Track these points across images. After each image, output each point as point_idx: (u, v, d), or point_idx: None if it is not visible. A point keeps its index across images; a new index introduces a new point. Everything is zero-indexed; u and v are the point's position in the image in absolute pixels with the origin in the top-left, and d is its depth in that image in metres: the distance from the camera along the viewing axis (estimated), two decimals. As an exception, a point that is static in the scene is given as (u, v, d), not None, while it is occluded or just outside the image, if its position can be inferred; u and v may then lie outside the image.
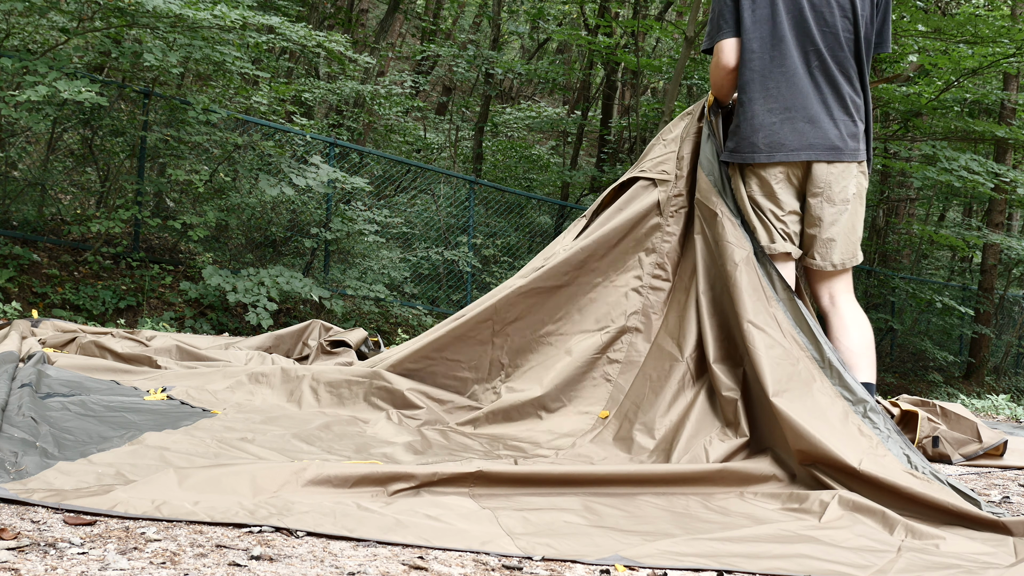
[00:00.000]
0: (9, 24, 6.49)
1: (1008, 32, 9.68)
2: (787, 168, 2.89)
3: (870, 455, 2.36)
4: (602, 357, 3.15)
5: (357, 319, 8.20)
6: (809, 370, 2.60)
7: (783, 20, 2.87)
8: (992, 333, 14.58)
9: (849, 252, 2.93)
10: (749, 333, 2.67)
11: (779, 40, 2.87)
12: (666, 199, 3.20)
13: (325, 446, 2.62)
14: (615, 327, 3.17)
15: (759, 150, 2.88)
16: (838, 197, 2.87)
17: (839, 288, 2.97)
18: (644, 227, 3.22)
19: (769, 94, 2.87)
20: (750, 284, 2.78)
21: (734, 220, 2.93)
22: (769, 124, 2.87)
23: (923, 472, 2.34)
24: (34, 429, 2.30)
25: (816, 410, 2.49)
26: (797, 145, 2.85)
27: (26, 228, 6.73)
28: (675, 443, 2.68)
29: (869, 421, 2.49)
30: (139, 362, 3.71)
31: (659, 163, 3.26)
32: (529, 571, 1.68)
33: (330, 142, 8.59)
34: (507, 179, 14.42)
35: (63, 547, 1.53)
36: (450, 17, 19.12)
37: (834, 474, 2.38)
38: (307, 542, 1.71)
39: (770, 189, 2.90)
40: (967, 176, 10.75)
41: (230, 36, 6.71)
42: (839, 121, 2.85)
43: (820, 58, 2.85)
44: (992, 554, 1.93)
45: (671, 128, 3.33)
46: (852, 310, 2.93)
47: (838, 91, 2.86)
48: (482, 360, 3.27)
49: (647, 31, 12.70)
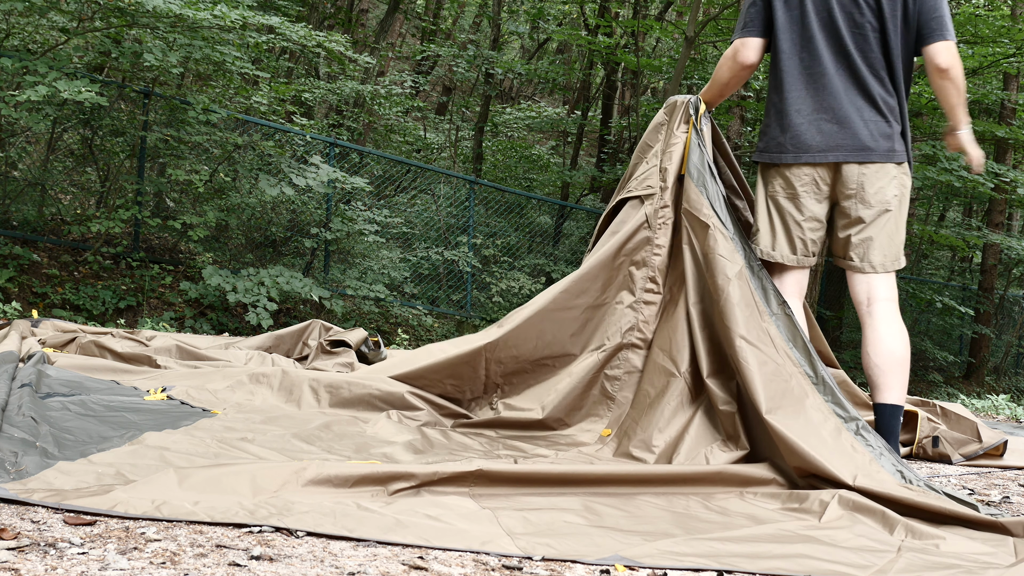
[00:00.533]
0: (9, 24, 6.49)
1: (1008, 32, 9.68)
2: (814, 170, 2.85)
3: (864, 471, 2.36)
4: (600, 375, 3.15)
5: (357, 319, 8.20)
6: (802, 387, 2.59)
7: (812, 21, 2.84)
8: (992, 333, 14.58)
9: (891, 255, 2.86)
10: (741, 349, 2.66)
11: (808, 40, 2.84)
12: (653, 212, 3.20)
13: (325, 446, 2.62)
14: (611, 344, 3.17)
15: (786, 151, 2.86)
16: (874, 199, 2.82)
17: (879, 294, 2.87)
18: (634, 242, 3.22)
19: (798, 95, 2.85)
20: (743, 299, 2.76)
21: (726, 232, 2.91)
22: (797, 125, 2.85)
23: (917, 485, 2.35)
24: (34, 429, 2.30)
25: (809, 427, 2.49)
26: (824, 146, 2.82)
27: (26, 228, 6.73)
28: (674, 458, 2.70)
29: (862, 438, 2.49)
30: (139, 362, 3.71)
31: (644, 179, 3.26)
32: (529, 571, 1.68)
33: (330, 142, 8.59)
34: (507, 179, 14.42)
35: (63, 547, 1.53)
36: (450, 17, 19.13)
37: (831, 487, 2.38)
38: (307, 542, 1.71)
39: (794, 191, 2.88)
40: (967, 176, 10.75)
41: (230, 36, 6.71)
42: (869, 122, 2.81)
43: (849, 59, 2.81)
44: (992, 554, 1.93)
45: (647, 143, 3.31)
46: (888, 320, 2.83)
47: (868, 92, 2.81)
48: (476, 384, 3.27)
49: (647, 31, 12.70)
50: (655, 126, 3.30)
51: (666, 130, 3.25)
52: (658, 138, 3.27)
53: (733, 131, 10.59)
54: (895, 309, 2.87)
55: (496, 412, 3.18)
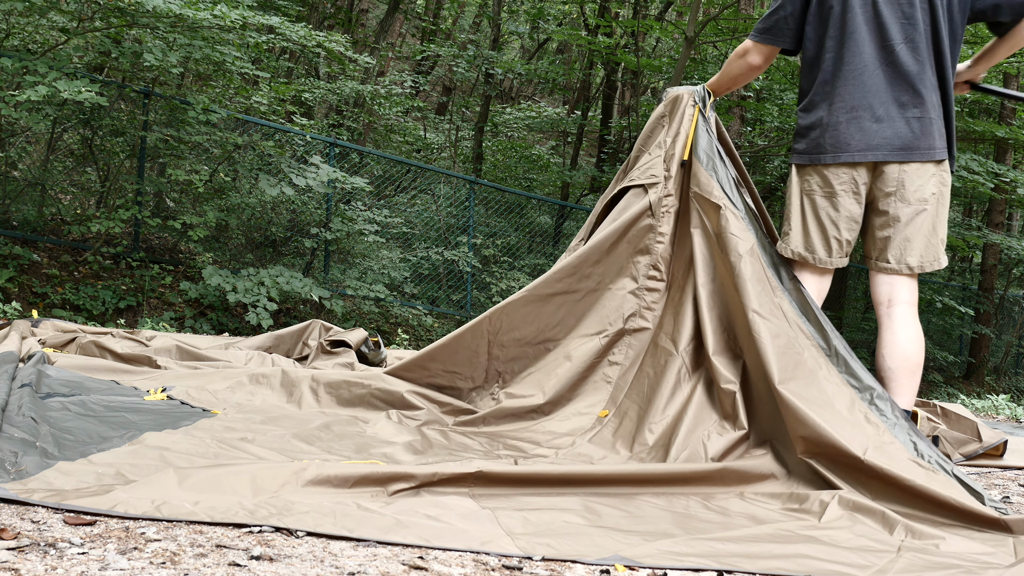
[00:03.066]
0: (9, 24, 6.49)
1: (1008, 32, 9.66)
2: (852, 170, 2.78)
3: (875, 443, 2.34)
4: (602, 361, 3.17)
5: (357, 319, 8.20)
6: (815, 358, 2.60)
7: (857, 14, 2.75)
8: (992, 333, 14.58)
9: (930, 255, 2.78)
10: (754, 323, 2.67)
11: (849, 35, 2.76)
12: (657, 200, 3.21)
13: (325, 446, 2.62)
14: (613, 330, 3.19)
15: (825, 150, 2.79)
16: (913, 196, 2.74)
17: (900, 296, 2.80)
18: (636, 229, 3.23)
19: (837, 93, 2.78)
20: (755, 274, 2.78)
21: (736, 213, 2.93)
22: (835, 124, 2.78)
23: (929, 461, 2.33)
24: (34, 429, 2.30)
25: (822, 398, 2.48)
26: (863, 145, 2.75)
27: (26, 228, 6.73)
28: (674, 437, 2.69)
29: (876, 409, 2.47)
30: (139, 362, 3.71)
31: (647, 169, 3.27)
32: (529, 571, 1.68)
33: (330, 142, 8.59)
34: (507, 179, 14.42)
35: (63, 547, 1.53)
36: (450, 17, 19.12)
37: (836, 467, 2.36)
38: (307, 542, 1.71)
39: (832, 190, 2.81)
40: (967, 176, 10.75)
41: (230, 36, 6.71)
42: (911, 119, 2.72)
43: (893, 53, 2.73)
44: (992, 554, 1.93)
45: (650, 135, 3.32)
46: (906, 324, 2.77)
47: (912, 87, 2.72)
48: (477, 370, 3.29)
49: (647, 31, 12.69)
50: (657, 118, 3.32)
51: (668, 121, 3.26)
52: (660, 129, 3.29)
53: (733, 131, 10.59)
54: (914, 313, 2.81)
55: (498, 401, 3.20)
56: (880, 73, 2.75)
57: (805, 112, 2.88)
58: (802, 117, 2.89)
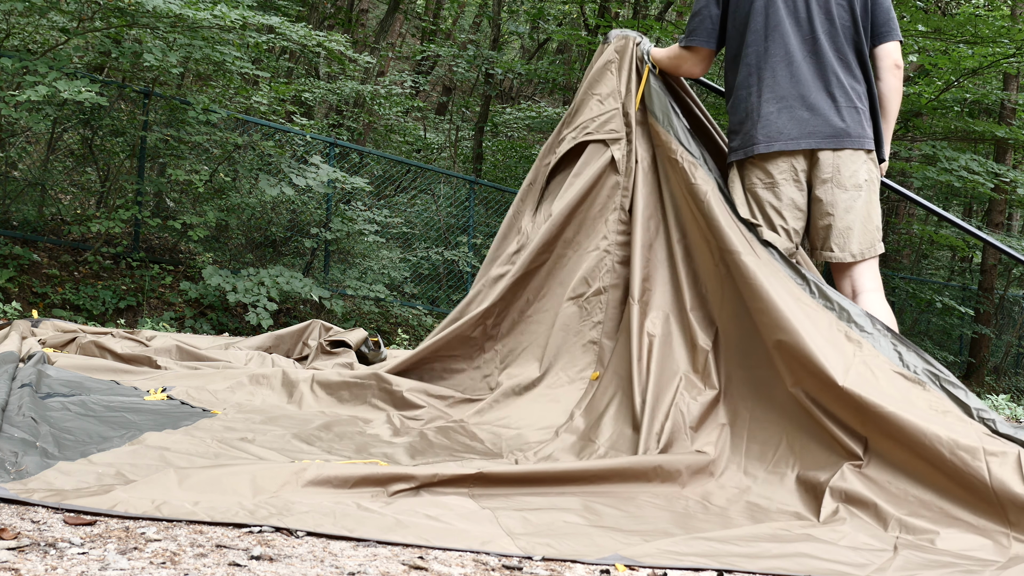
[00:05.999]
0: (9, 24, 6.49)
1: (1008, 32, 9.68)
2: (790, 159, 2.83)
3: (858, 361, 2.34)
4: (587, 321, 3.24)
5: (357, 319, 8.20)
6: (793, 289, 2.63)
7: (779, 8, 2.84)
8: (992, 333, 14.57)
9: (867, 241, 2.85)
10: (735, 261, 2.72)
11: (774, 28, 2.84)
12: (621, 156, 3.26)
13: (325, 446, 2.62)
14: (591, 290, 3.26)
15: (758, 141, 2.84)
16: (849, 182, 2.81)
17: (863, 283, 2.86)
18: (604, 187, 3.28)
19: (765, 85, 2.84)
20: (726, 221, 2.83)
21: (695, 162, 2.98)
22: (767, 115, 2.83)
23: (915, 371, 2.32)
24: (34, 429, 2.31)
25: (803, 316, 2.51)
26: (797, 134, 2.80)
27: (26, 228, 6.73)
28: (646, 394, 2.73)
29: (855, 326, 2.48)
30: (139, 362, 3.71)
31: (604, 123, 3.30)
32: (529, 571, 1.68)
33: (330, 142, 8.59)
34: (507, 179, 14.40)
35: (63, 547, 1.53)
36: (450, 17, 19.12)
37: (822, 397, 2.35)
38: (307, 542, 1.71)
39: (772, 180, 2.86)
40: (967, 176, 10.75)
41: (230, 36, 6.71)
42: (842, 108, 2.80)
43: (817, 45, 2.82)
44: (987, 549, 1.93)
45: (598, 81, 3.35)
46: (876, 311, 2.79)
47: (838, 78, 2.81)
48: (475, 354, 3.35)
49: (647, 31, 12.69)
50: (604, 63, 3.35)
51: (618, 70, 3.30)
52: (608, 76, 3.33)
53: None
54: (881, 299, 2.86)
55: (499, 384, 3.26)
56: (806, 64, 2.82)
57: (734, 108, 2.94)
58: (732, 114, 2.96)
